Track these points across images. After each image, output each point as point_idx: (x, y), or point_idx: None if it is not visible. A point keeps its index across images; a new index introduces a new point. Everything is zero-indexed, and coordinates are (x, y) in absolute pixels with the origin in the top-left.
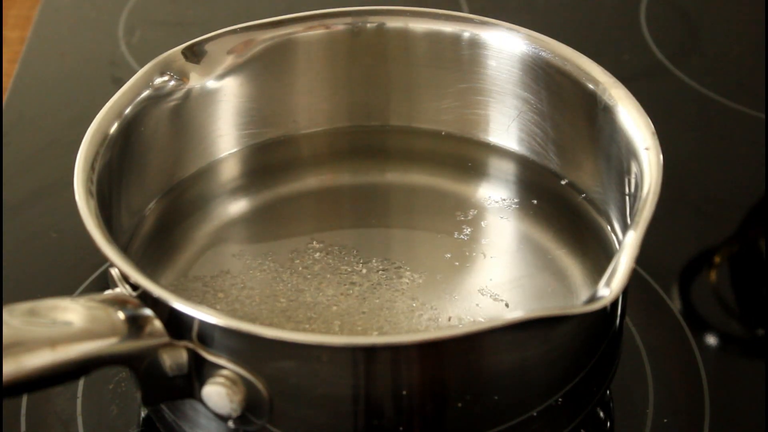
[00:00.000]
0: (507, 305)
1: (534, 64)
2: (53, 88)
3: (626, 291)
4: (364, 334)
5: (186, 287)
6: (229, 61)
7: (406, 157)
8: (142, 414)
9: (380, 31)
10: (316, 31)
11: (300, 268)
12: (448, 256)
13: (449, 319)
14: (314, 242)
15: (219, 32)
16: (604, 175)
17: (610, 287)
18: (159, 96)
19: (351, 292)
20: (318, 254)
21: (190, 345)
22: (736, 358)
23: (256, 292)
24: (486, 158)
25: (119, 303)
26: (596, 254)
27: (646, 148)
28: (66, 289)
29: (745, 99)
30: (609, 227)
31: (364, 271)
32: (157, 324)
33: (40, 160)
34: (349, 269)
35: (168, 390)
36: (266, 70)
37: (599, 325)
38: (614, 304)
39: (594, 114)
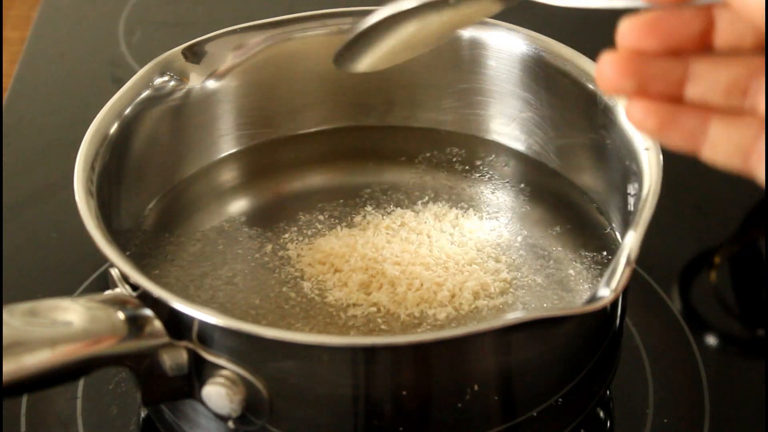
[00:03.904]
0: (507, 305)
1: (534, 64)
2: (53, 88)
3: (626, 291)
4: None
5: (186, 287)
6: (229, 61)
7: (406, 157)
8: (142, 414)
9: None
10: (316, 31)
11: (303, 270)
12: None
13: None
14: (314, 243)
15: (219, 32)
16: (604, 175)
17: (610, 287)
18: (159, 96)
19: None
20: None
21: (190, 345)
22: (736, 358)
23: (256, 294)
24: (486, 158)
25: (119, 303)
26: (596, 254)
27: (646, 148)
28: (66, 289)
29: None
30: (609, 227)
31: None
32: (157, 324)
33: (40, 160)
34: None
35: (168, 390)
36: (266, 69)
37: (599, 325)
38: (614, 304)
39: (594, 114)
